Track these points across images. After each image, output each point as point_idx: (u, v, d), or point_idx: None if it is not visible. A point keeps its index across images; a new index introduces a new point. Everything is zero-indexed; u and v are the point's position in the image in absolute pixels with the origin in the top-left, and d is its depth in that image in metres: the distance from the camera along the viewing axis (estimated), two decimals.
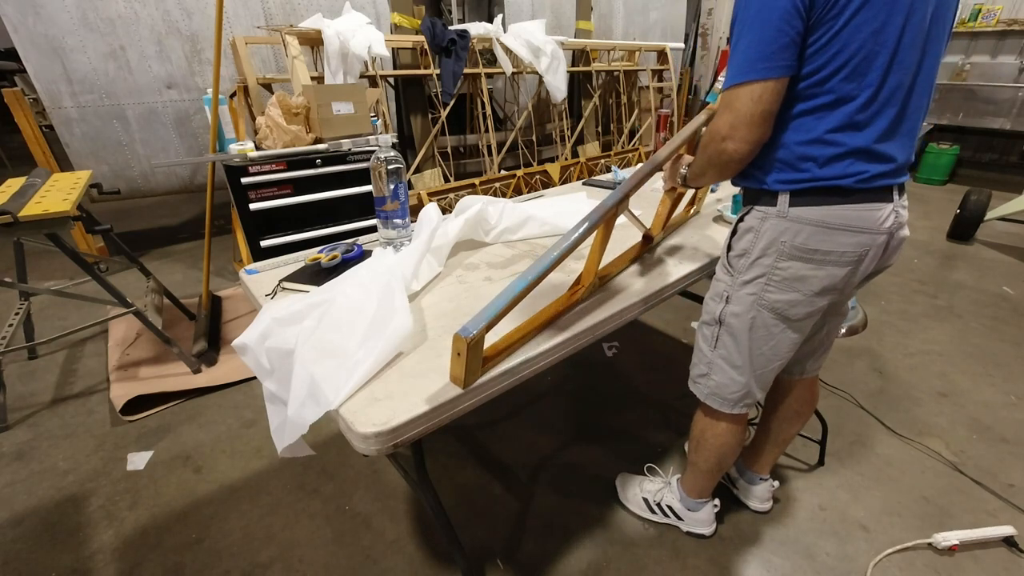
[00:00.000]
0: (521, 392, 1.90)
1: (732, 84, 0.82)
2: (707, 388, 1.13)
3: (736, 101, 0.82)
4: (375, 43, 2.69)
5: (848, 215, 0.87)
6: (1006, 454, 1.64)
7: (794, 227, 0.90)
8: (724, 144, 0.85)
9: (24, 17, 2.75)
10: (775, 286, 0.95)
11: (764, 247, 0.94)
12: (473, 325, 0.72)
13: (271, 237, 1.99)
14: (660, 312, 2.47)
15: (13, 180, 1.88)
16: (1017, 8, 4.77)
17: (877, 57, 0.79)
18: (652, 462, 1.61)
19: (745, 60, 0.80)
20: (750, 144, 0.84)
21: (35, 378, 2.08)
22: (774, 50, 0.78)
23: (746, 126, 0.82)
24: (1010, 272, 3.00)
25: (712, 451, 1.19)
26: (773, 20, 0.76)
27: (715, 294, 1.07)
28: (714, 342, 1.08)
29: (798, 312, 0.96)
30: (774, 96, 0.80)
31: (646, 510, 1.39)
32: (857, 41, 0.77)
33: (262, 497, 1.50)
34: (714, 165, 0.92)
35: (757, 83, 0.79)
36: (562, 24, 4.62)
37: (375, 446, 0.72)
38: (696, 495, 1.31)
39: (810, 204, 0.88)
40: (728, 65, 0.84)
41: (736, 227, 1.01)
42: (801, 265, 0.92)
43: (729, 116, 0.83)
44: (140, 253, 3.38)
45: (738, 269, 1.00)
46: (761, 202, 0.94)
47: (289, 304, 0.94)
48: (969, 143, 5.20)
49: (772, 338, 1.01)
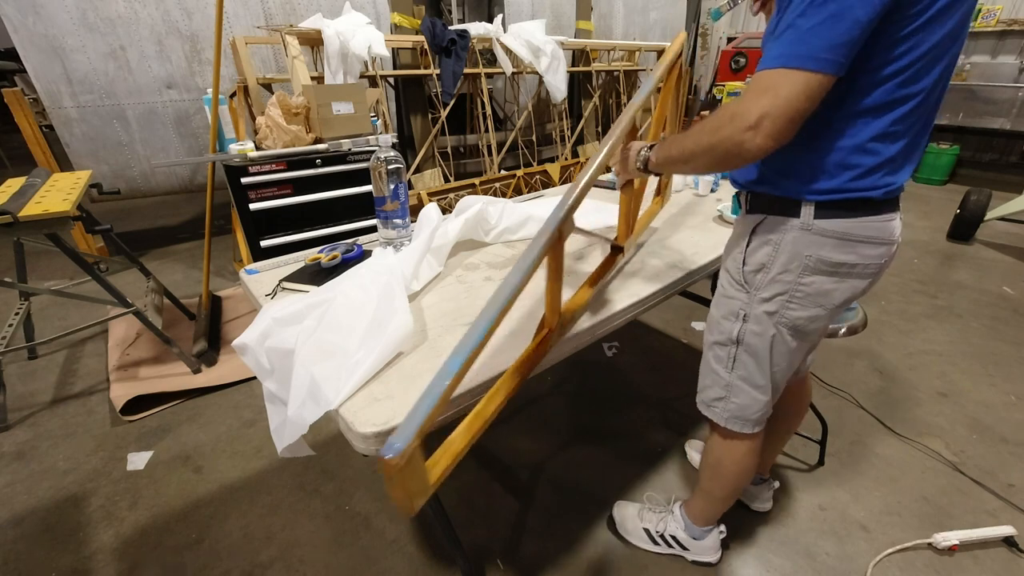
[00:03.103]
0: (521, 392, 1.89)
1: (782, 65, 0.67)
2: (727, 412, 1.04)
3: (782, 87, 0.67)
4: (375, 43, 2.70)
5: (872, 226, 0.82)
6: (1006, 454, 1.64)
7: (819, 240, 0.83)
8: (746, 135, 0.69)
9: (24, 17, 2.75)
10: (797, 302, 0.89)
11: (786, 262, 0.86)
12: (400, 439, 0.55)
13: (271, 237, 1.99)
14: (660, 312, 2.47)
15: (13, 180, 1.88)
16: (1017, 8, 4.77)
17: (938, 62, 0.71)
18: (652, 462, 1.61)
19: (808, 42, 0.65)
20: (777, 143, 0.70)
21: (35, 378, 2.08)
22: (844, 41, 0.65)
23: (785, 120, 0.67)
24: (1010, 272, 3.00)
25: (730, 478, 1.12)
26: (856, 4, 0.63)
27: (729, 312, 0.97)
28: (731, 363, 1.00)
29: (817, 326, 0.92)
30: (822, 95, 0.68)
31: (648, 542, 1.31)
32: (930, 41, 0.68)
33: (262, 497, 1.50)
34: (717, 154, 0.76)
35: (815, 74, 0.66)
36: (562, 24, 4.62)
37: (375, 446, 0.72)
38: (703, 523, 1.25)
39: (837, 216, 0.81)
40: (777, 40, 0.68)
41: (750, 239, 0.91)
42: (825, 279, 0.85)
43: (766, 102, 0.67)
44: (140, 253, 3.38)
45: (755, 285, 0.92)
46: (778, 211, 0.86)
47: (289, 304, 0.94)
48: (969, 143, 5.20)
49: (790, 353, 0.96)
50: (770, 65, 0.68)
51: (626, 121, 1.01)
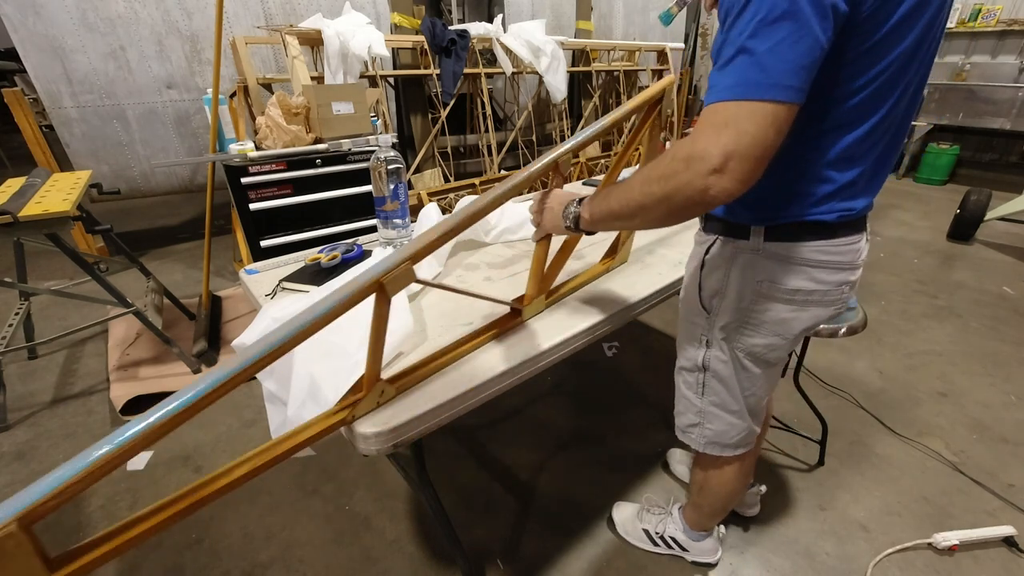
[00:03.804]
0: (521, 392, 1.90)
1: (740, 96, 0.57)
2: (703, 438, 1.02)
3: (745, 121, 0.57)
4: (375, 43, 2.70)
5: (829, 250, 0.76)
6: (1006, 454, 1.64)
7: (770, 265, 0.78)
8: (710, 179, 0.58)
9: (24, 17, 2.75)
10: (752, 329, 0.84)
11: (739, 287, 0.82)
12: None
13: (271, 237, 1.99)
14: (660, 312, 2.47)
15: (13, 180, 1.88)
16: (1017, 8, 4.77)
17: (897, 83, 0.66)
18: (652, 462, 1.61)
19: (766, 68, 0.56)
20: (746, 186, 0.59)
21: (35, 378, 2.08)
22: (805, 64, 0.56)
23: (754, 160, 0.57)
24: (1010, 272, 3.00)
25: (719, 498, 1.12)
26: (814, 22, 0.55)
27: (691, 337, 0.94)
28: (700, 389, 0.97)
29: (777, 356, 0.88)
30: (789, 127, 0.59)
31: (648, 543, 1.31)
32: (887, 59, 0.63)
33: (262, 497, 1.50)
34: (674, 205, 0.64)
35: (781, 104, 0.56)
36: (562, 24, 4.62)
37: (375, 446, 0.72)
38: (699, 529, 1.25)
39: (788, 239, 0.77)
40: (729, 67, 0.59)
41: (703, 262, 0.87)
42: (782, 307, 0.80)
43: (728, 140, 0.57)
44: (140, 253, 3.38)
45: (713, 310, 0.88)
46: (728, 232, 0.81)
47: (289, 304, 0.94)
48: (969, 143, 5.20)
49: (758, 378, 0.92)
50: (724, 97, 0.58)
51: (546, 162, 0.86)
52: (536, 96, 3.94)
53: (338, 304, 0.63)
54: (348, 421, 0.72)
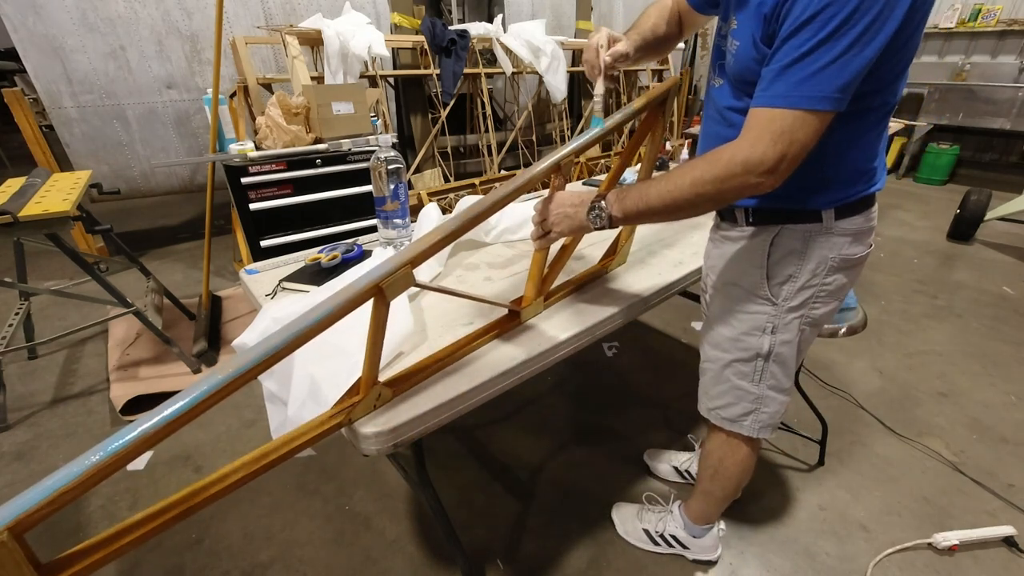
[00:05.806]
0: (521, 392, 1.90)
1: (794, 106, 0.65)
2: (759, 423, 1.02)
3: (799, 131, 0.65)
4: (375, 43, 2.70)
5: (871, 216, 0.87)
6: (1006, 454, 1.64)
7: (840, 240, 0.85)
8: (763, 178, 0.68)
9: (24, 17, 2.75)
10: (821, 302, 0.90)
11: (813, 268, 0.86)
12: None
13: (271, 237, 1.99)
14: (660, 312, 2.47)
15: (13, 180, 1.88)
16: (1017, 8, 4.77)
17: (912, 57, 0.74)
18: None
19: (820, 83, 0.63)
20: (783, 180, 0.70)
21: (35, 378, 2.08)
22: (853, 79, 0.63)
23: (799, 161, 0.68)
24: (1010, 272, 3.00)
25: (733, 479, 1.13)
26: (878, 40, 0.61)
27: (752, 328, 0.94)
28: (758, 376, 0.98)
29: (830, 317, 0.95)
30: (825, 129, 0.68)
31: (648, 542, 1.32)
32: (913, 44, 0.70)
33: (262, 497, 1.50)
34: (720, 200, 0.75)
35: (827, 114, 0.65)
36: (562, 24, 4.63)
37: (375, 446, 0.72)
38: (704, 522, 1.26)
39: (854, 214, 0.84)
40: (783, 76, 0.65)
41: (769, 251, 0.88)
42: (842, 276, 0.88)
43: (784, 148, 0.66)
44: (140, 253, 3.38)
45: (783, 296, 0.90)
46: (796, 219, 0.85)
47: (289, 304, 0.94)
48: (969, 143, 5.20)
49: (808, 341, 0.97)
50: (778, 104, 0.66)
51: (549, 164, 0.85)
52: (536, 96, 3.94)
53: (336, 308, 0.63)
54: (345, 424, 0.72)
